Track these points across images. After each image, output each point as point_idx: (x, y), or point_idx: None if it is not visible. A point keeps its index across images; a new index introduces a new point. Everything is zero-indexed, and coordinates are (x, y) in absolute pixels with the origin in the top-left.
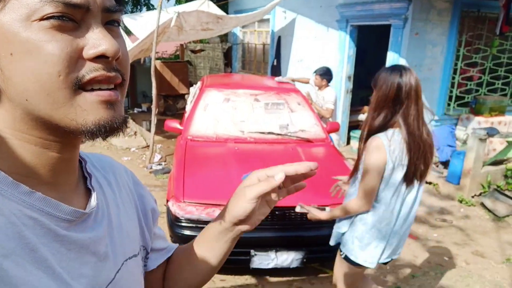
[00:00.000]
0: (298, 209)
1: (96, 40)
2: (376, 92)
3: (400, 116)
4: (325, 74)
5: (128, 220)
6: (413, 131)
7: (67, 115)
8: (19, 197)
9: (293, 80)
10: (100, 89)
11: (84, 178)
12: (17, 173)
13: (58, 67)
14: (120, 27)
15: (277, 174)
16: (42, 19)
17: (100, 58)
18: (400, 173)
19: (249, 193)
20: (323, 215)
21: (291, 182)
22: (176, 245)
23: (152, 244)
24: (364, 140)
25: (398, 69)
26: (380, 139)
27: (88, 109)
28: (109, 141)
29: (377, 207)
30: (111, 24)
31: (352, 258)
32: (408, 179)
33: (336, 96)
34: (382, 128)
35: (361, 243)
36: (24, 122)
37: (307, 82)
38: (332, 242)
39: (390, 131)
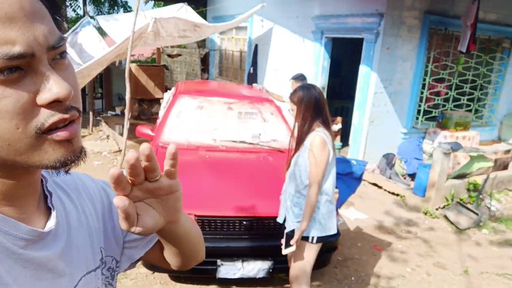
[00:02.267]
0: (287, 252)
1: (46, 86)
2: (299, 106)
3: (320, 119)
4: (298, 78)
5: (90, 235)
6: (330, 127)
7: (30, 159)
8: None
9: (268, 93)
10: (58, 128)
11: (45, 196)
12: None
13: (14, 121)
14: (66, 55)
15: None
16: None
17: (54, 102)
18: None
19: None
20: (301, 228)
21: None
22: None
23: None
24: (296, 144)
25: (310, 86)
26: (321, 136)
27: (50, 151)
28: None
29: (322, 184)
30: (56, 58)
31: (324, 233)
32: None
33: None
34: (309, 131)
35: (327, 217)
36: None
37: (282, 101)
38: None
39: (319, 130)
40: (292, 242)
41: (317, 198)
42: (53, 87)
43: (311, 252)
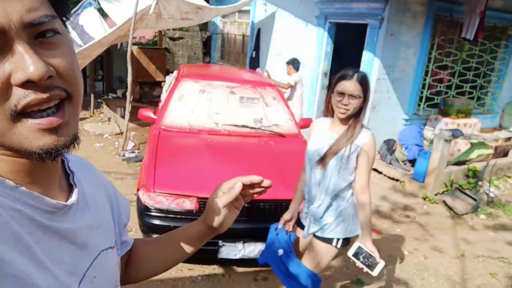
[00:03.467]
0: (378, 271)
1: (18, 65)
2: (365, 96)
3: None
4: (292, 63)
5: (104, 216)
6: None
7: (13, 142)
8: (5, 191)
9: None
10: (41, 116)
11: (66, 175)
12: (1, 173)
13: None
14: (58, 34)
15: (236, 184)
16: None
17: (28, 83)
18: None
19: (218, 203)
20: (366, 237)
21: (250, 189)
22: (133, 238)
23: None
24: (350, 138)
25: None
26: (373, 135)
27: (30, 136)
28: (82, 127)
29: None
30: (43, 36)
31: (350, 235)
32: None
33: (301, 78)
34: (362, 127)
35: (354, 218)
36: None
37: (285, 88)
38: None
39: (368, 128)
40: (378, 259)
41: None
42: (27, 66)
43: (330, 255)
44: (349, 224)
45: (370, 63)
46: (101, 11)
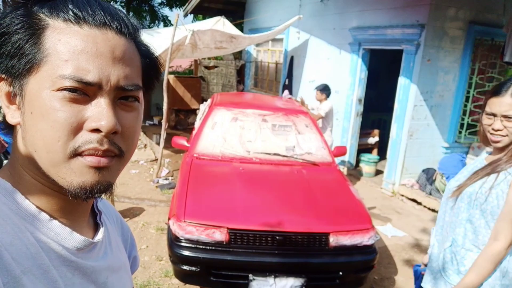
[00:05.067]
0: None
1: (96, 114)
2: None
3: None
4: (324, 90)
5: (125, 259)
6: None
7: (59, 173)
8: (40, 223)
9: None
10: (93, 154)
11: (93, 213)
12: (36, 204)
13: (58, 133)
14: (137, 102)
15: None
16: (59, 89)
17: (96, 131)
18: None
19: None
20: (467, 283)
21: None
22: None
23: None
24: (497, 166)
25: None
26: None
27: (77, 171)
28: None
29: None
30: (125, 99)
31: None
32: None
33: (332, 107)
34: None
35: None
36: (35, 168)
37: (315, 119)
38: None
39: None
40: None
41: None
42: (100, 117)
43: None
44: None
45: (407, 89)
46: None
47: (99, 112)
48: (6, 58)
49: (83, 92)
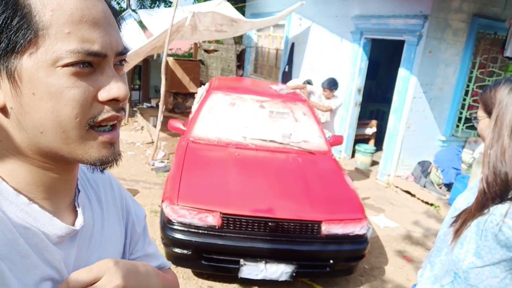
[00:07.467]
0: None
1: (109, 85)
2: (495, 120)
3: None
4: (333, 86)
5: (110, 237)
6: None
7: (76, 150)
8: (19, 206)
9: (292, 88)
10: (104, 130)
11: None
12: (18, 187)
13: (76, 111)
14: (124, 63)
15: None
16: (65, 65)
17: (111, 100)
18: None
19: None
20: None
21: None
22: (169, 263)
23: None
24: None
25: None
26: None
27: (95, 147)
28: None
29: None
30: (117, 64)
31: None
32: None
33: (341, 103)
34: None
35: None
36: (29, 149)
37: (303, 88)
38: None
39: None
40: None
41: None
42: (114, 87)
43: None
44: None
45: (406, 80)
46: (140, 24)
47: (111, 82)
48: None
49: (89, 63)
